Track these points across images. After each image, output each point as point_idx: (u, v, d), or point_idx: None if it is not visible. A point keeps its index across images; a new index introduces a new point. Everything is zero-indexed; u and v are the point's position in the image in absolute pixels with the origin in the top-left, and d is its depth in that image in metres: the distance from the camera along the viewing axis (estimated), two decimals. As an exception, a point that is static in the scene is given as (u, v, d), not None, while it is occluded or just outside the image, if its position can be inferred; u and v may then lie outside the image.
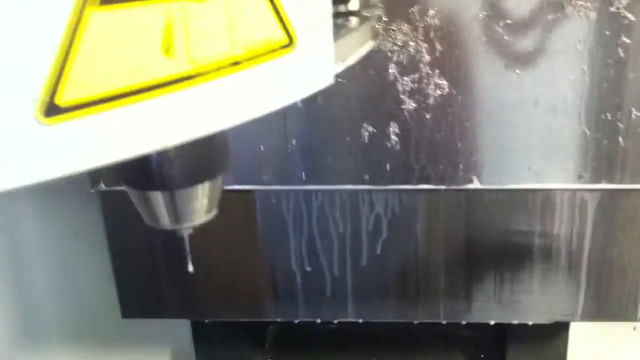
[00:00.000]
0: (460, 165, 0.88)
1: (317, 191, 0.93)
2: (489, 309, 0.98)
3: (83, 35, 0.32)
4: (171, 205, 0.55)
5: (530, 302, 0.97)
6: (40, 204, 1.19)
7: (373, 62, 0.84)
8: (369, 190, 0.92)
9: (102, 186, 0.94)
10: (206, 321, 1.10)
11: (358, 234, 0.95)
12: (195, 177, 0.52)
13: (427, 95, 0.85)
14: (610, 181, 0.88)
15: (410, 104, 0.86)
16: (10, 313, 1.27)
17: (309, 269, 0.97)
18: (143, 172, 0.50)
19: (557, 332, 1.10)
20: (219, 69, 0.38)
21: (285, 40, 0.42)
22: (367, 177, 0.90)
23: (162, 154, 0.47)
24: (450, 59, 0.83)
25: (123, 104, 0.34)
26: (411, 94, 0.85)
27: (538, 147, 0.87)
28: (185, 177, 0.51)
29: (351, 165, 0.90)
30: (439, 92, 0.85)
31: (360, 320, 1.01)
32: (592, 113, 0.85)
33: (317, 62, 0.46)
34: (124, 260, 1.01)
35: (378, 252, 0.95)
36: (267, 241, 0.97)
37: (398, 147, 0.88)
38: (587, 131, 0.85)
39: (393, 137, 0.88)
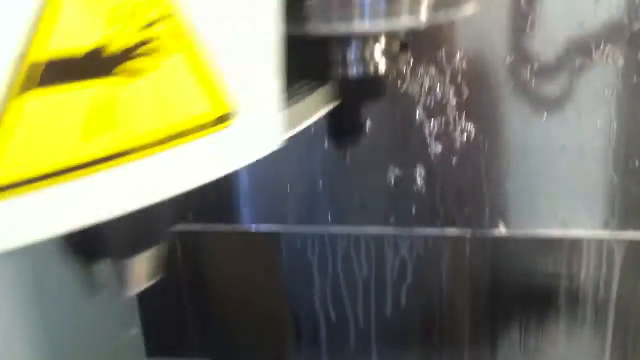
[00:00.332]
0: (486, 210, 0.88)
1: (342, 233, 0.93)
2: (514, 359, 0.97)
3: (8, 121, 0.32)
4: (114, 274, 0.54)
5: (556, 353, 0.96)
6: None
7: (400, 105, 0.84)
8: (394, 234, 0.92)
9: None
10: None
11: (383, 278, 0.94)
12: (134, 248, 0.51)
13: (453, 139, 0.85)
14: (638, 229, 0.87)
15: (436, 148, 0.86)
16: (34, 351, 1.28)
17: (332, 313, 0.97)
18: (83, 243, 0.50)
19: None
20: (148, 146, 0.38)
21: (218, 115, 0.41)
22: (392, 219, 0.90)
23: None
24: (477, 102, 0.83)
25: (50, 183, 0.34)
26: (438, 137, 0.86)
27: (565, 193, 0.86)
28: (123, 247, 0.50)
29: (377, 208, 0.90)
30: (465, 136, 0.85)
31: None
32: (620, 159, 0.84)
33: (260, 132, 0.45)
34: (149, 299, 1.01)
35: (402, 297, 0.95)
36: (292, 284, 0.97)
37: (424, 190, 0.88)
38: (614, 178, 0.85)
39: (419, 180, 0.88)
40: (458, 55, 0.82)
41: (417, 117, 0.85)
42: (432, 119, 0.85)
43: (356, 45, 0.47)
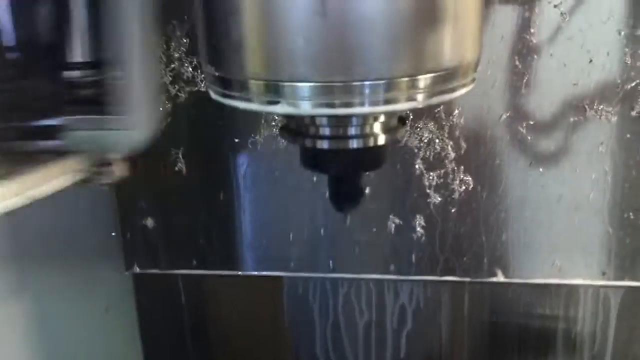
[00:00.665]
0: (485, 259, 0.90)
1: (343, 279, 0.95)
2: None
3: None
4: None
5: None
6: (72, 278, 1.22)
7: (400, 157, 0.87)
8: (395, 280, 0.94)
9: (136, 269, 0.97)
10: None
11: (383, 324, 0.96)
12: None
13: (452, 190, 0.88)
14: (634, 279, 0.89)
15: (435, 198, 0.89)
16: None
17: (332, 356, 0.99)
18: None
19: None
20: None
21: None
22: (392, 267, 0.92)
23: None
24: (475, 156, 0.86)
25: None
26: (437, 188, 0.88)
27: (562, 243, 0.89)
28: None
29: (378, 256, 0.92)
30: (464, 187, 0.88)
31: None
32: (615, 212, 0.86)
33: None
34: (153, 339, 1.04)
35: (402, 342, 0.97)
36: (293, 327, 0.99)
37: (424, 239, 0.90)
38: (610, 229, 0.87)
39: (419, 229, 0.90)
40: (456, 112, 0.84)
41: (416, 168, 0.87)
42: (431, 171, 0.87)
43: (356, 122, 0.50)
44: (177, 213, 0.95)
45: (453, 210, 0.89)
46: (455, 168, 0.87)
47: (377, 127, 0.51)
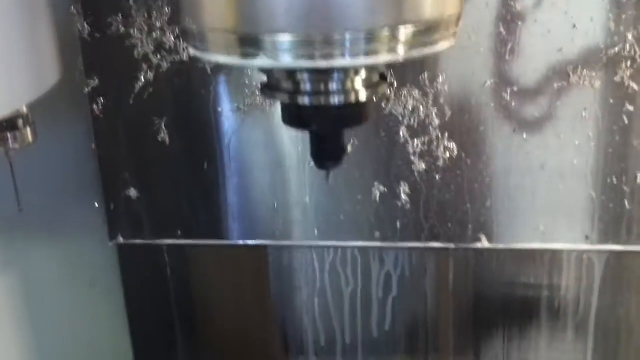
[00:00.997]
0: (469, 225, 0.90)
1: (329, 247, 0.95)
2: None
3: None
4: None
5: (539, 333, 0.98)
6: (57, 251, 1.21)
7: (385, 125, 0.87)
8: (380, 248, 0.94)
9: (120, 239, 0.97)
10: None
11: (368, 291, 0.97)
12: None
13: (436, 158, 0.88)
14: (617, 243, 0.89)
15: (420, 166, 0.89)
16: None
17: (319, 325, 0.99)
18: None
19: None
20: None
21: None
22: (378, 234, 0.93)
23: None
24: (460, 123, 0.86)
25: None
26: (421, 155, 0.88)
27: (545, 208, 0.89)
28: None
29: (363, 223, 0.92)
30: (448, 154, 0.88)
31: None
32: (599, 177, 0.87)
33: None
34: (139, 312, 1.04)
35: (388, 309, 0.97)
36: (279, 296, 1.00)
37: (408, 206, 0.91)
38: (593, 194, 0.87)
39: (403, 196, 0.90)
40: (440, 79, 0.84)
41: (401, 136, 0.87)
42: (416, 139, 0.87)
43: (337, 77, 0.50)
44: (161, 183, 0.94)
45: (437, 178, 0.89)
46: (440, 135, 0.87)
47: (358, 83, 0.51)
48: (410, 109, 0.86)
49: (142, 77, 0.89)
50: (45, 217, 1.15)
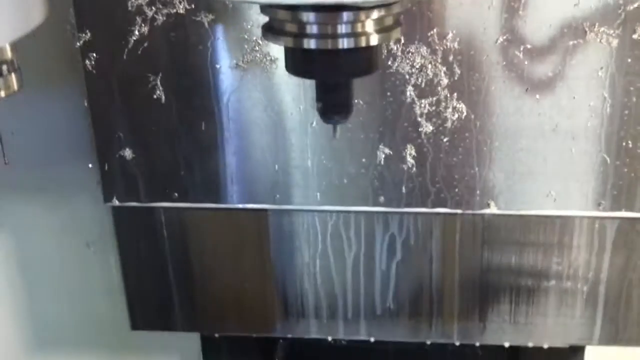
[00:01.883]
0: (477, 190, 0.87)
1: (331, 212, 0.92)
2: (504, 330, 0.97)
3: None
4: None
5: (546, 325, 0.96)
6: (51, 213, 1.18)
7: (390, 84, 0.83)
8: (384, 212, 0.91)
9: (115, 201, 0.93)
10: (216, 335, 1.09)
11: (372, 253, 0.93)
12: None
13: (444, 119, 0.84)
14: (631, 209, 0.86)
15: (427, 127, 0.85)
16: (18, 322, 1.27)
17: (320, 288, 0.96)
18: None
19: (572, 355, 1.07)
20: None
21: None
22: (382, 199, 0.89)
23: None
24: (469, 82, 0.82)
25: None
26: (428, 117, 0.84)
27: (557, 173, 0.86)
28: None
29: (367, 187, 0.89)
30: (456, 115, 0.84)
31: (372, 339, 1.00)
32: (613, 140, 0.83)
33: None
34: (134, 273, 1.00)
35: (392, 271, 0.94)
36: (279, 261, 0.97)
37: (414, 170, 0.87)
38: (607, 158, 0.84)
39: (409, 159, 0.87)
40: (450, 35, 0.80)
41: (407, 96, 0.84)
42: (423, 99, 0.83)
43: (347, 17, 0.45)
44: (157, 143, 0.91)
45: (445, 140, 0.85)
46: (448, 95, 0.83)
47: (369, 26, 0.47)
48: (418, 67, 0.82)
49: (136, 31, 0.85)
50: (37, 176, 1.12)
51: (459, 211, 0.89)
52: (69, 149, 1.10)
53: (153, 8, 0.83)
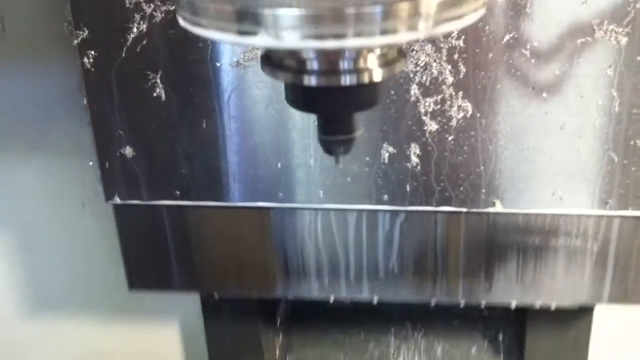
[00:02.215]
0: (483, 189, 0.86)
1: (334, 211, 0.91)
2: (511, 290, 0.94)
3: None
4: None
5: (554, 284, 0.93)
6: (46, 173, 1.17)
7: (394, 83, 0.81)
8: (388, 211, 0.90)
9: (117, 200, 0.93)
10: (215, 296, 1.06)
11: (375, 213, 0.92)
12: None
13: (449, 117, 0.83)
14: (638, 208, 0.85)
15: (432, 126, 0.84)
16: (14, 283, 1.26)
17: (322, 245, 0.94)
18: None
19: (580, 315, 1.05)
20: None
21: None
22: (386, 197, 0.88)
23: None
24: (475, 81, 0.81)
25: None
26: (433, 115, 0.83)
27: (564, 171, 0.84)
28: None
29: (370, 186, 0.88)
30: (462, 114, 0.83)
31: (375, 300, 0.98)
32: (621, 139, 0.82)
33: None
34: (131, 232, 0.98)
35: (396, 230, 0.92)
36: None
37: (419, 168, 0.86)
38: (614, 157, 0.83)
39: (414, 158, 0.85)
40: (455, 33, 0.78)
41: (412, 94, 0.82)
42: (428, 97, 0.82)
43: (349, 55, 0.44)
44: (158, 142, 0.89)
45: (450, 138, 0.84)
46: (453, 94, 0.82)
47: (372, 61, 0.45)
48: (422, 65, 0.80)
49: (135, 28, 0.83)
50: (31, 137, 1.10)
51: (463, 209, 0.88)
52: (63, 109, 1.09)
53: (151, 5, 0.82)
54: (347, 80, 0.45)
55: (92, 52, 0.85)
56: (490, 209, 0.87)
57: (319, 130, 0.51)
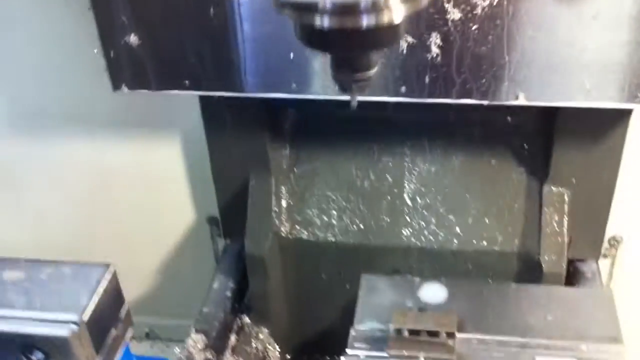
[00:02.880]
0: (505, 82, 0.82)
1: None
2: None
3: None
4: None
5: None
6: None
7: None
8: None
9: (125, 89, 0.90)
10: (216, 99, 0.96)
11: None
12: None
13: (474, 5, 0.77)
14: (669, 102, 0.81)
15: (455, 14, 0.78)
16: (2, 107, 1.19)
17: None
18: None
19: (614, 124, 0.93)
20: None
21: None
22: (404, 89, 0.84)
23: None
24: (503, -35, 0.74)
25: None
26: (457, 3, 0.77)
27: (594, 64, 0.79)
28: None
29: (388, 77, 0.83)
30: (487, 1, 0.77)
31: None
32: (658, 30, 0.76)
33: None
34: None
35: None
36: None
37: (439, 59, 0.81)
38: (650, 49, 0.77)
39: (434, 48, 0.81)
40: None
41: (434, -19, 0.76)
42: (451, -16, 0.76)
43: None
44: (164, 29, 0.85)
45: (474, 28, 0.79)
46: (479, -21, 0.75)
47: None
48: (446, -52, 0.74)
49: None
50: None
51: (484, 102, 0.84)
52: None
53: None
54: (364, 20, 0.40)
55: None
56: (513, 102, 0.83)
57: (332, 68, 0.47)
